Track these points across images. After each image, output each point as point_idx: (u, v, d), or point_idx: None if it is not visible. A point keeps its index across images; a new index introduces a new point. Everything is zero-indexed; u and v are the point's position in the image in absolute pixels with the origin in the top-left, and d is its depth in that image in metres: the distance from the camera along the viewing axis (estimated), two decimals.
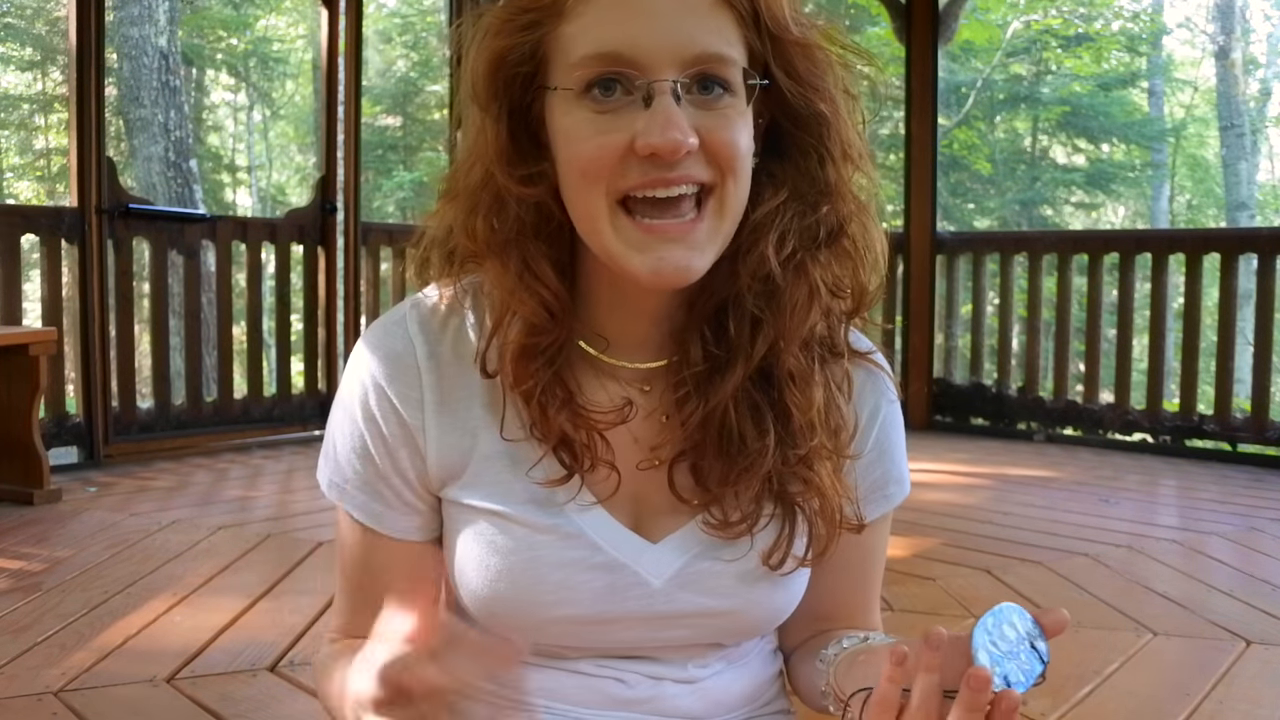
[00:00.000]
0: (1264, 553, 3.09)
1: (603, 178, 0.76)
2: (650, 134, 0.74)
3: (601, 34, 0.75)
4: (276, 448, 4.68)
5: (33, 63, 12.48)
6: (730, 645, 0.92)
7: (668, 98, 0.74)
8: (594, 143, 0.76)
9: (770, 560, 0.85)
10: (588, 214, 0.78)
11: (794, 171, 0.82)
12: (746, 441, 0.82)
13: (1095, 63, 14.08)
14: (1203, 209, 15.56)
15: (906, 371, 5.43)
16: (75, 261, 4.17)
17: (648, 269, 0.76)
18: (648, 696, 0.89)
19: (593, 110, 0.76)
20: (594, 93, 0.76)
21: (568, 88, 0.77)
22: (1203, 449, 4.69)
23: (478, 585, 0.85)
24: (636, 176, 0.75)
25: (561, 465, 0.83)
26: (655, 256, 0.76)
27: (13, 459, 3.53)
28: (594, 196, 0.77)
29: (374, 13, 13.42)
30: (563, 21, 0.77)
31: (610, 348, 0.85)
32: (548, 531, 0.84)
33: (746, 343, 0.81)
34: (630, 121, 0.75)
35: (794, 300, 0.81)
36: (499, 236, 0.82)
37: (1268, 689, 2.06)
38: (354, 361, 0.88)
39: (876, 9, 8.80)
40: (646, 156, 0.74)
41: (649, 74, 0.75)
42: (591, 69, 0.75)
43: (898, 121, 6.63)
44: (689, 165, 0.75)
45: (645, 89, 0.75)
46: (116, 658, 2.13)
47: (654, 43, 0.74)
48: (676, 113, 0.74)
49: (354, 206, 5.03)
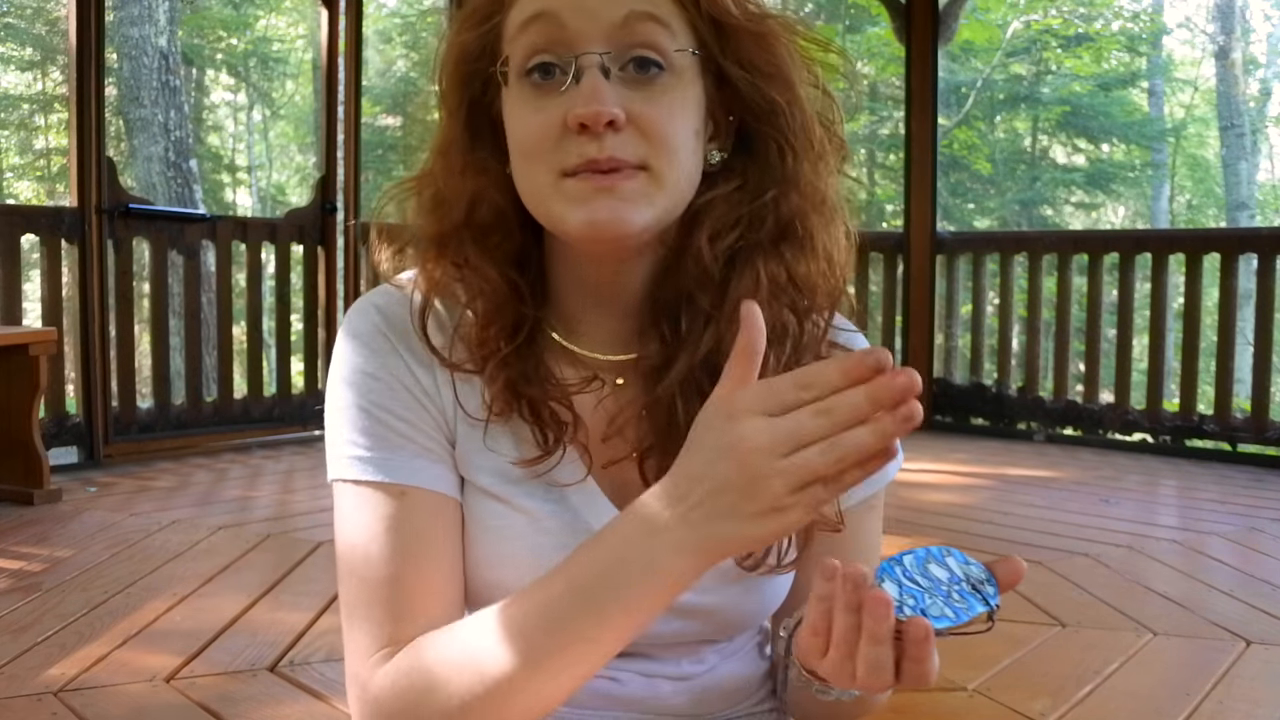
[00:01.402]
0: (1264, 553, 3.09)
1: (542, 156, 0.78)
2: (576, 105, 0.76)
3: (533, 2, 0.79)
4: (276, 448, 4.68)
5: (33, 63, 12.49)
6: (722, 640, 0.92)
7: (595, 71, 0.76)
8: (533, 122, 0.78)
9: (746, 562, 0.84)
10: (534, 189, 0.80)
11: (752, 164, 0.83)
12: None
13: (1095, 63, 14.08)
14: (1203, 209, 15.57)
15: None
16: (75, 261, 4.18)
17: (582, 221, 0.77)
18: (641, 695, 0.89)
19: (532, 93, 0.79)
20: (533, 76, 0.79)
21: (509, 73, 0.80)
22: (1203, 449, 4.69)
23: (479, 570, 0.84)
24: (574, 159, 0.77)
25: (536, 442, 0.83)
26: (589, 208, 0.77)
27: (13, 459, 3.54)
28: (537, 173, 0.79)
29: (374, 13, 13.42)
30: (509, 7, 0.81)
31: (582, 340, 0.86)
32: (550, 518, 0.84)
33: (695, 337, 0.81)
34: (565, 100, 0.77)
35: (739, 293, 0.80)
36: (438, 230, 0.85)
37: (1268, 689, 2.06)
38: (338, 345, 0.88)
39: (876, 9, 8.80)
40: (577, 130, 0.76)
41: (577, 45, 0.77)
42: (525, 39, 0.78)
43: (898, 121, 6.64)
44: (620, 145, 0.76)
45: (574, 65, 0.77)
46: (116, 658, 2.13)
47: (580, 2, 0.77)
48: (602, 85, 0.76)
49: (354, 206, 5.03)
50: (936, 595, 0.65)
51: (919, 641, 0.63)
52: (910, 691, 0.65)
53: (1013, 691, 2.01)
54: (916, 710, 1.97)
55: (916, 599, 0.64)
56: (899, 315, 5.48)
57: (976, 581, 0.66)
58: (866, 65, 13.42)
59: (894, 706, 2.07)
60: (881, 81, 13.39)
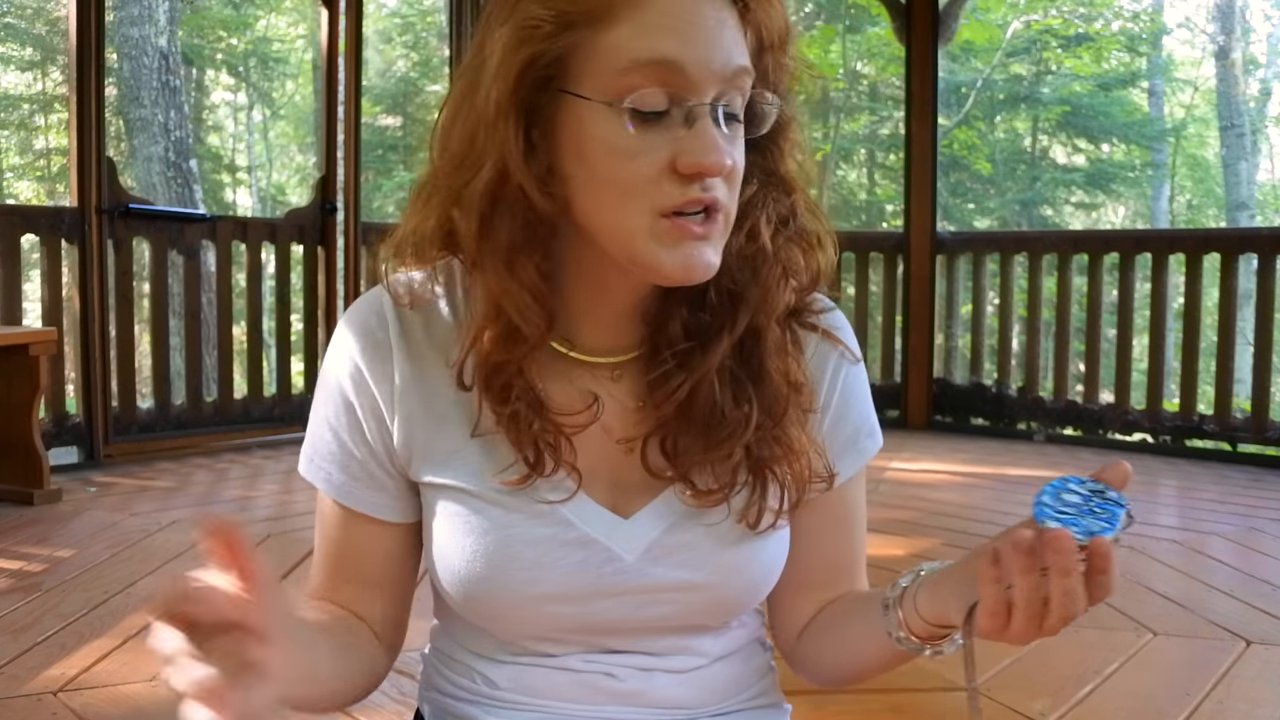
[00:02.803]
0: (1264, 553, 3.09)
1: (643, 194, 0.76)
2: (697, 154, 0.75)
3: (652, 42, 0.75)
4: (276, 448, 4.68)
5: (33, 63, 12.49)
6: (716, 627, 0.92)
7: (709, 120, 0.76)
8: (638, 161, 0.76)
9: (748, 518, 0.86)
10: (623, 225, 0.78)
11: (759, 165, 0.86)
12: (726, 413, 0.84)
13: (1095, 63, 14.08)
14: (1203, 209, 15.56)
15: (906, 372, 5.44)
16: (75, 261, 4.18)
17: (678, 266, 0.78)
18: (638, 689, 0.90)
19: (634, 125, 0.76)
20: (637, 111, 0.76)
21: (606, 101, 0.76)
22: (1203, 449, 4.69)
23: (456, 565, 0.86)
24: (677, 196, 0.76)
25: (526, 465, 0.84)
26: (684, 254, 0.77)
27: (13, 459, 3.54)
28: (633, 212, 0.77)
29: (374, 13, 13.42)
30: (603, 27, 0.76)
31: (578, 343, 0.87)
32: (520, 510, 0.85)
33: (728, 315, 0.84)
34: (670, 140, 0.76)
35: (771, 275, 0.85)
36: (502, 242, 0.80)
37: (1268, 689, 2.06)
38: (333, 340, 0.91)
39: (876, 9, 8.80)
40: (690, 176, 0.76)
41: (696, 92, 0.76)
42: (640, 78, 0.75)
43: (898, 121, 6.64)
44: (715, 188, 0.78)
45: (687, 110, 0.76)
46: (116, 658, 2.13)
47: (702, 55, 0.75)
48: (718, 135, 0.76)
49: (354, 206, 5.03)
50: (1085, 515, 0.71)
51: (1105, 555, 0.69)
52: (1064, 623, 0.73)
53: (1013, 691, 2.01)
54: (917, 710, 1.98)
55: (1077, 525, 0.70)
56: (899, 315, 5.48)
57: (1101, 492, 0.72)
58: (866, 65, 13.43)
59: (894, 706, 2.07)
60: (881, 81, 13.39)
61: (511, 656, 0.91)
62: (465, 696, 0.93)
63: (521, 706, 0.90)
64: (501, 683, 0.91)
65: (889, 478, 4.05)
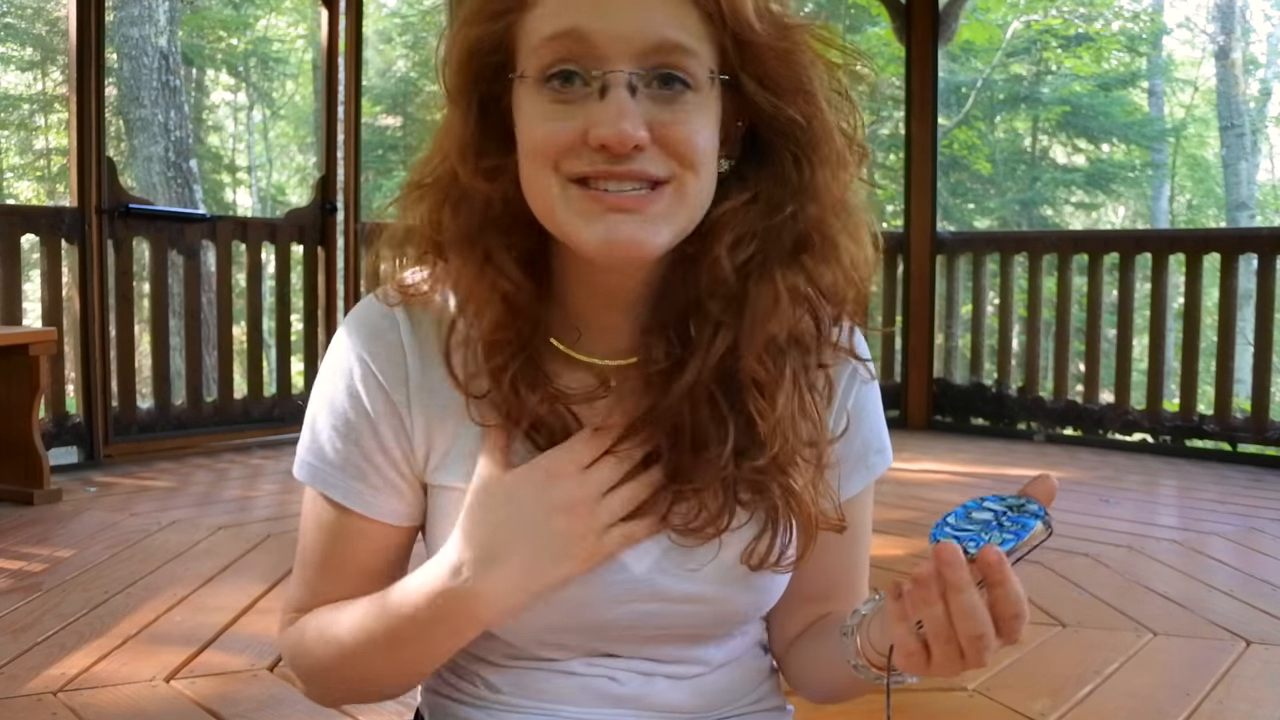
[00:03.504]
0: (1264, 553, 3.09)
1: (552, 160, 0.76)
2: (600, 125, 0.74)
3: (563, 15, 0.75)
4: (276, 448, 4.68)
5: (33, 63, 12.49)
6: (719, 636, 0.92)
7: (622, 90, 0.74)
8: (548, 128, 0.76)
9: (751, 560, 0.84)
10: (540, 192, 0.78)
11: (766, 175, 0.81)
12: (708, 445, 0.81)
13: (1095, 63, 14.08)
14: (1203, 209, 15.57)
15: (906, 371, 5.44)
16: (75, 261, 4.18)
17: (599, 239, 0.75)
18: (640, 693, 0.89)
19: (550, 98, 0.76)
20: (553, 82, 0.76)
21: (527, 75, 0.77)
22: (1203, 449, 4.69)
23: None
24: (586, 165, 0.75)
25: (535, 447, 0.83)
26: (606, 227, 0.75)
27: (13, 459, 3.54)
28: (544, 176, 0.77)
29: (374, 13, 13.42)
30: (529, 8, 0.77)
31: (581, 343, 0.85)
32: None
33: (705, 345, 0.80)
34: (586, 112, 0.75)
35: (757, 305, 0.80)
36: (461, 230, 0.82)
37: (1268, 689, 2.06)
38: (336, 343, 0.88)
39: (876, 9, 8.80)
40: (597, 148, 0.74)
41: (605, 63, 0.74)
42: (550, 51, 0.76)
43: (898, 121, 6.64)
44: (643, 161, 0.75)
45: (601, 80, 0.75)
46: (116, 658, 2.13)
47: (612, 26, 0.74)
48: (630, 105, 0.74)
49: (354, 206, 5.03)
50: (990, 530, 0.69)
51: (994, 565, 0.67)
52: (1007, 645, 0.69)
53: (1013, 691, 2.01)
54: (917, 710, 1.97)
55: (975, 540, 0.68)
56: (899, 315, 5.48)
57: (1019, 506, 0.70)
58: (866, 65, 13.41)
59: (894, 706, 2.07)
60: (881, 81, 13.37)
61: (513, 660, 0.90)
62: (466, 699, 0.92)
63: (522, 710, 0.90)
64: (502, 686, 0.90)
65: (889, 477, 4.01)
